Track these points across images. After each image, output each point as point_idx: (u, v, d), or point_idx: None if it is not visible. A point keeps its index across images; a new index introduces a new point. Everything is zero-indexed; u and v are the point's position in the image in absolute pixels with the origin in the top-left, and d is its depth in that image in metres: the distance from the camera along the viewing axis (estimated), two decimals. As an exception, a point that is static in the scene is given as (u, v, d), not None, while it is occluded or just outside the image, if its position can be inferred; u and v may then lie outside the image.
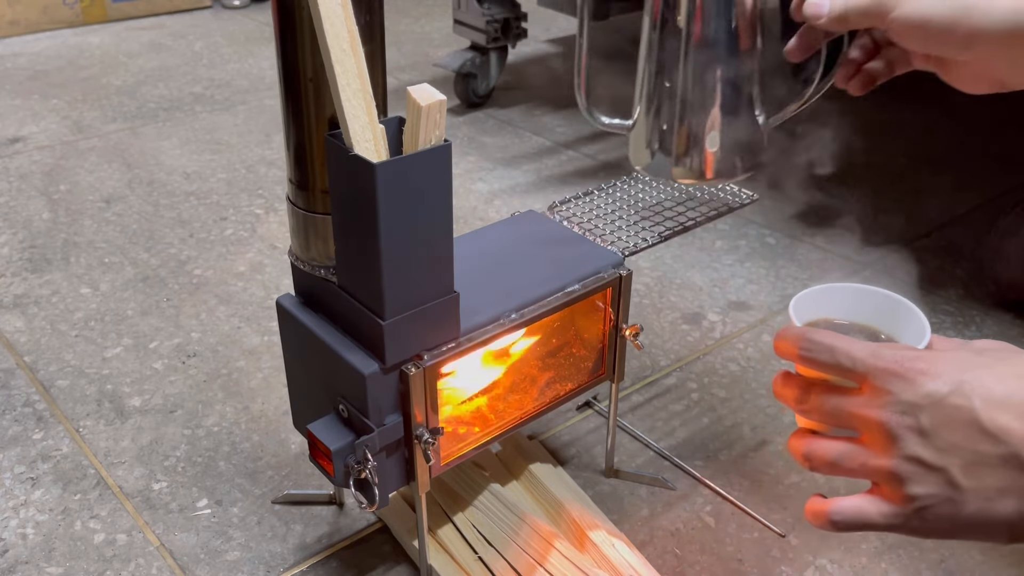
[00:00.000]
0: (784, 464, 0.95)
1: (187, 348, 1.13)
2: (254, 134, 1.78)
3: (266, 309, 1.21)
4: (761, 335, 1.17)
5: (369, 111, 0.59)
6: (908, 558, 0.84)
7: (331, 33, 0.56)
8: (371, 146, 0.59)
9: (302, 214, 0.69)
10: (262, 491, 0.91)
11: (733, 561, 0.84)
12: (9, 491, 0.91)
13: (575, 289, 0.76)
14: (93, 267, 1.31)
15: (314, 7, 0.56)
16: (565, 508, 0.85)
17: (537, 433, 0.99)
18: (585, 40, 0.78)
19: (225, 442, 0.98)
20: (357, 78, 0.57)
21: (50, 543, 0.85)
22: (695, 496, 0.91)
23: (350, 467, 0.67)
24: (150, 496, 0.91)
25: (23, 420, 1.01)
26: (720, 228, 1.43)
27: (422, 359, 0.67)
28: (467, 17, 1.83)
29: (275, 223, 1.44)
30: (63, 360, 1.11)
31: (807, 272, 1.31)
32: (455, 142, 1.74)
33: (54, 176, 1.59)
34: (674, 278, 1.30)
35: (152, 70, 2.14)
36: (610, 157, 1.69)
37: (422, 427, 0.69)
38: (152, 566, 0.83)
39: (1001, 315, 1.21)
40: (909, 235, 1.41)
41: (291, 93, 0.64)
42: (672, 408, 1.04)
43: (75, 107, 1.91)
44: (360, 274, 0.65)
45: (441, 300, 0.66)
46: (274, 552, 0.84)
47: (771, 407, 1.04)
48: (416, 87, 0.59)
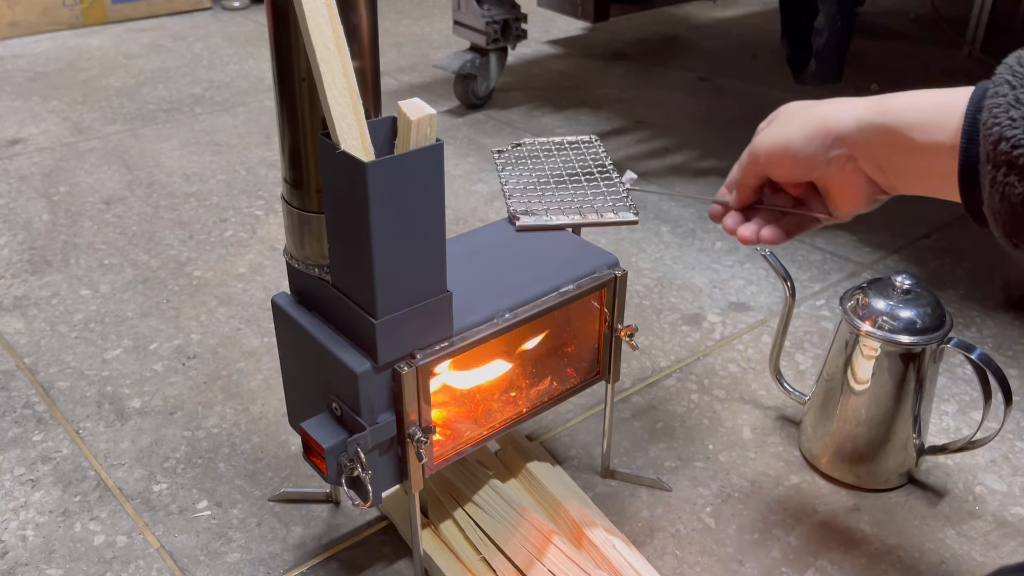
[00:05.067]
0: (784, 466, 0.95)
1: (187, 350, 1.13)
2: (254, 135, 1.78)
3: (266, 311, 1.21)
4: (761, 336, 1.16)
5: (356, 110, 0.59)
6: (908, 559, 0.84)
7: (316, 32, 0.56)
8: (358, 144, 0.59)
9: (297, 213, 0.69)
10: (262, 492, 0.91)
11: (733, 562, 0.84)
12: (9, 493, 0.91)
13: (570, 289, 0.76)
14: (93, 269, 1.31)
15: (298, 6, 0.56)
16: (565, 508, 0.84)
17: (537, 434, 0.99)
18: None
19: (225, 444, 0.98)
20: (343, 77, 0.57)
21: (50, 545, 0.85)
22: (695, 497, 0.91)
23: (343, 465, 0.67)
24: (150, 498, 0.91)
25: (23, 422, 1.01)
26: (720, 229, 1.42)
27: (415, 358, 0.67)
28: (467, 18, 1.83)
29: (275, 224, 1.44)
30: (63, 362, 1.11)
31: (807, 273, 1.31)
32: (455, 143, 1.74)
33: (54, 178, 1.60)
34: (674, 279, 1.29)
35: (152, 72, 2.15)
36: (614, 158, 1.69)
37: (414, 426, 0.69)
38: (152, 568, 0.83)
39: (1002, 315, 1.20)
40: (909, 235, 1.41)
41: (285, 93, 0.64)
42: (672, 409, 1.03)
43: (75, 109, 1.91)
44: (353, 273, 0.65)
45: (434, 299, 0.66)
46: (274, 553, 0.84)
47: (771, 408, 1.03)
48: (407, 101, 0.60)
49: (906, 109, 0.55)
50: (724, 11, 2.68)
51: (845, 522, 0.88)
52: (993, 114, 0.48)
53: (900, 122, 0.55)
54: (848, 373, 0.89)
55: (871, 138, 0.56)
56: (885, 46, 2.30)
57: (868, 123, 0.56)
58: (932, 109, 0.53)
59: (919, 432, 0.90)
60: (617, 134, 1.80)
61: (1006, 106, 0.47)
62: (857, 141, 0.57)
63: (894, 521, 0.88)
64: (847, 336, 0.88)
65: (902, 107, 0.55)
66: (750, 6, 2.72)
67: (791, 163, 0.61)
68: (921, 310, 0.85)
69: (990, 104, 0.49)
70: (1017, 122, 0.47)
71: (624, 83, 2.09)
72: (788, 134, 0.60)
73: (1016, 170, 0.47)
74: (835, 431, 0.91)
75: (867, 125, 0.56)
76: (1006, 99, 0.48)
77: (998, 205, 0.48)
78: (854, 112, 0.57)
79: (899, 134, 0.55)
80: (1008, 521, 0.88)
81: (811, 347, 1.14)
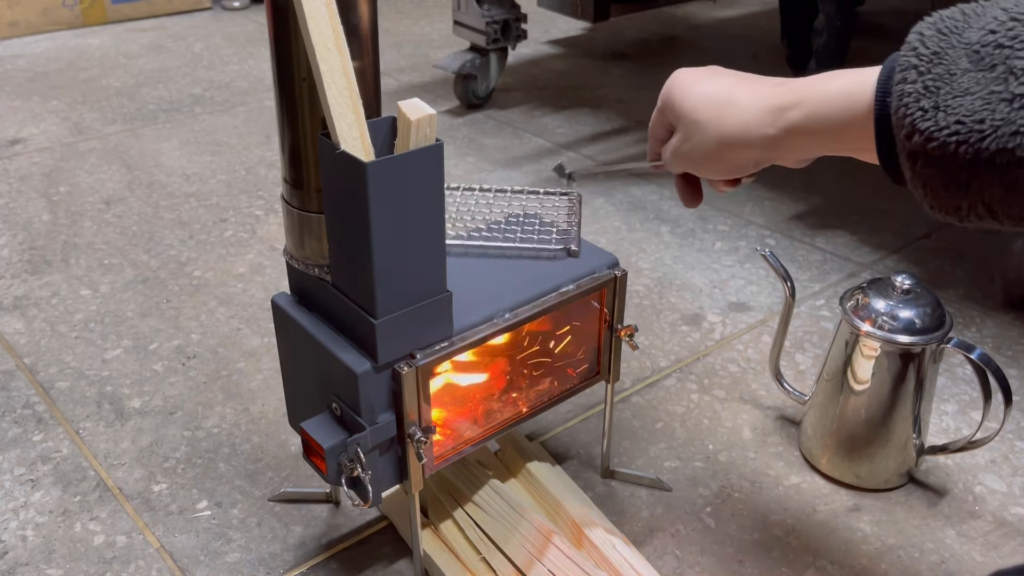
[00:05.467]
0: (784, 466, 0.95)
1: (187, 350, 1.13)
2: (254, 135, 1.78)
3: (266, 311, 1.21)
4: (761, 336, 1.16)
5: (356, 110, 0.59)
6: (908, 559, 0.84)
7: (315, 32, 0.56)
8: (358, 144, 0.60)
9: (296, 213, 0.69)
10: (262, 493, 0.91)
11: (733, 562, 0.84)
12: (9, 493, 0.91)
13: (569, 289, 0.76)
14: (93, 269, 1.31)
15: (298, 6, 0.56)
16: (565, 508, 0.84)
17: (537, 434, 0.99)
18: None
19: (225, 444, 0.98)
20: (343, 76, 0.57)
21: (50, 545, 0.85)
22: (695, 497, 0.91)
23: (343, 465, 0.67)
24: (150, 498, 0.91)
25: (23, 422, 1.01)
26: (720, 229, 1.43)
27: (415, 358, 0.67)
28: (467, 18, 1.83)
29: (275, 224, 1.44)
30: (63, 362, 1.11)
31: (807, 273, 1.31)
32: (455, 143, 1.74)
33: (54, 178, 1.60)
34: (674, 279, 1.29)
35: (152, 72, 2.15)
36: (610, 158, 1.69)
37: (414, 426, 0.69)
38: (152, 568, 0.83)
39: (1002, 315, 1.20)
40: (909, 236, 1.41)
41: (285, 92, 0.64)
42: (672, 409, 1.03)
43: (75, 109, 1.91)
44: (352, 273, 0.65)
45: (434, 299, 0.66)
46: (274, 553, 0.84)
47: (771, 408, 1.03)
48: (406, 102, 0.60)
49: (812, 119, 0.54)
50: (724, 11, 2.67)
51: (845, 522, 0.88)
52: (903, 103, 0.46)
53: (809, 129, 0.54)
54: (848, 373, 0.89)
55: (783, 151, 0.56)
56: (885, 46, 2.30)
57: (777, 142, 0.56)
58: (841, 101, 0.52)
59: (919, 432, 0.90)
60: (617, 134, 1.80)
61: (916, 95, 0.45)
62: (770, 157, 0.58)
63: (894, 521, 0.88)
64: (847, 336, 0.88)
65: (808, 115, 0.54)
66: (750, 6, 2.72)
67: (721, 174, 0.62)
68: (921, 310, 0.85)
69: (898, 91, 0.46)
70: (928, 113, 0.45)
71: (624, 83, 2.08)
72: (707, 152, 0.60)
73: (933, 161, 0.45)
74: (835, 431, 0.91)
75: (777, 143, 0.56)
76: (915, 87, 0.45)
77: (922, 191, 0.47)
78: (760, 132, 0.56)
79: (812, 142, 0.54)
80: (1008, 521, 0.88)
81: (811, 347, 1.14)
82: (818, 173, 1.29)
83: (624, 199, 1.50)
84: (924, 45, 0.46)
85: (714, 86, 0.60)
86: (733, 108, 0.58)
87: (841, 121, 0.52)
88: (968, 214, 0.46)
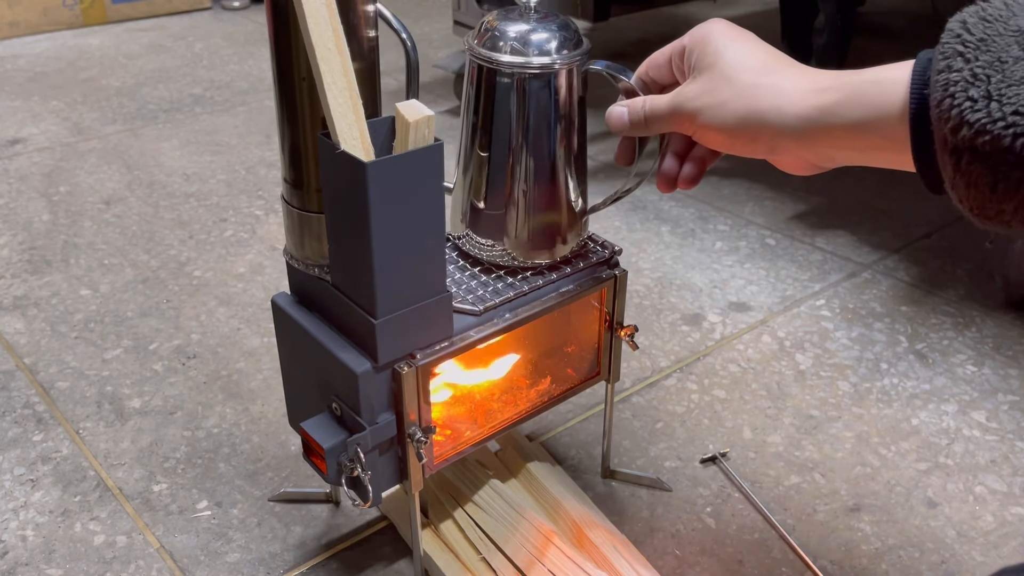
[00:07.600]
0: (784, 466, 0.95)
1: (187, 350, 1.13)
2: (254, 135, 1.78)
3: (266, 311, 1.21)
4: (761, 336, 1.16)
5: (356, 110, 0.59)
6: (908, 559, 0.84)
7: (315, 32, 0.56)
8: (358, 144, 0.60)
9: (296, 213, 0.69)
10: (262, 493, 0.91)
11: (733, 563, 0.84)
12: (9, 493, 0.91)
13: (569, 289, 0.76)
14: (93, 269, 1.31)
15: (298, 6, 0.56)
16: (565, 508, 0.84)
17: (537, 434, 0.99)
18: None
19: (225, 444, 0.98)
20: (343, 76, 0.57)
21: (50, 545, 0.85)
22: (695, 497, 0.91)
23: (343, 465, 0.67)
24: (150, 498, 0.91)
25: (23, 422, 1.01)
26: (720, 229, 1.43)
27: (415, 358, 0.67)
28: (467, 18, 1.83)
29: (275, 224, 1.44)
30: (63, 362, 1.11)
31: (807, 273, 1.31)
32: (455, 143, 1.74)
33: (54, 178, 1.60)
34: (674, 279, 1.29)
35: (152, 71, 2.15)
36: (609, 158, 1.69)
37: (415, 426, 0.69)
38: (152, 568, 0.83)
39: (1002, 316, 1.20)
40: (909, 236, 1.41)
41: (285, 92, 0.64)
42: (672, 409, 1.03)
43: (75, 109, 1.91)
44: (352, 273, 0.65)
45: (434, 299, 0.66)
46: (274, 553, 0.84)
47: (771, 408, 1.03)
48: (404, 103, 0.60)
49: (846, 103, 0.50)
50: (724, 11, 2.67)
51: (845, 522, 0.88)
52: (950, 92, 0.41)
53: (845, 122, 0.50)
54: None
55: (817, 139, 0.52)
56: (885, 46, 2.30)
57: (813, 124, 0.52)
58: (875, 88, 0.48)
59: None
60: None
61: (964, 84, 0.41)
62: (803, 143, 0.53)
63: (894, 521, 0.88)
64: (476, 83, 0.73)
65: (841, 100, 0.50)
66: (750, 6, 2.72)
67: (726, 146, 0.58)
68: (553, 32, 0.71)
69: (942, 81, 0.42)
70: (979, 103, 0.40)
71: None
72: (726, 121, 0.55)
73: (982, 157, 0.41)
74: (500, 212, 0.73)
75: (811, 127, 0.52)
76: (962, 75, 0.41)
77: (964, 192, 0.43)
78: (798, 110, 0.52)
79: (845, 136, 0.51)
80: (1008, 521, 0.88)
81: (811, 347, 1.14)
82: (818, 173, 1.29)
83: (624, 199, 1.50)
84: (969, 32, 0.42)
85: (763, 54, 0.56)
86: (775, 77, 0.54)
87: (873, 117, 0.48)
88: (1012, 219, 0.42)
